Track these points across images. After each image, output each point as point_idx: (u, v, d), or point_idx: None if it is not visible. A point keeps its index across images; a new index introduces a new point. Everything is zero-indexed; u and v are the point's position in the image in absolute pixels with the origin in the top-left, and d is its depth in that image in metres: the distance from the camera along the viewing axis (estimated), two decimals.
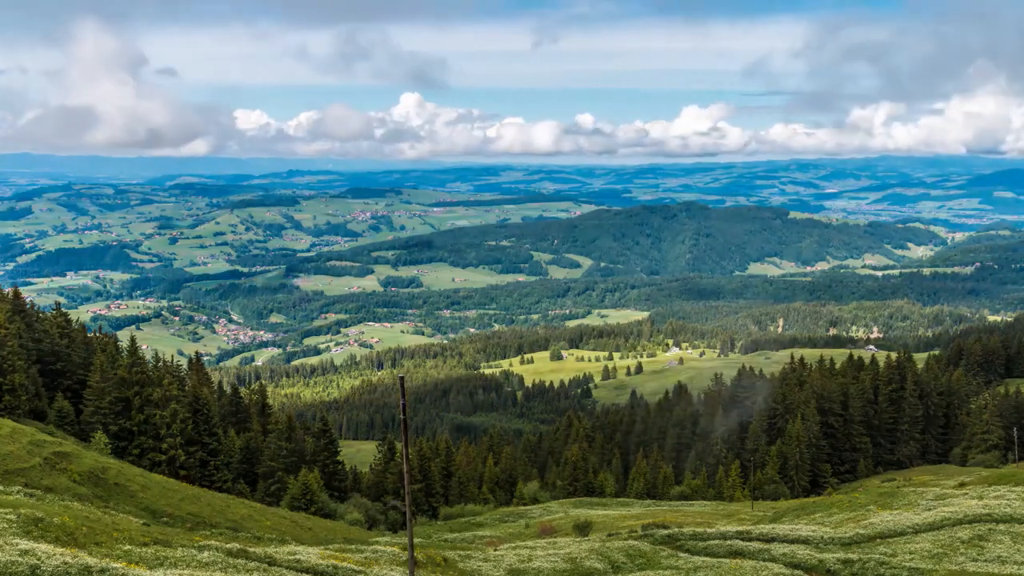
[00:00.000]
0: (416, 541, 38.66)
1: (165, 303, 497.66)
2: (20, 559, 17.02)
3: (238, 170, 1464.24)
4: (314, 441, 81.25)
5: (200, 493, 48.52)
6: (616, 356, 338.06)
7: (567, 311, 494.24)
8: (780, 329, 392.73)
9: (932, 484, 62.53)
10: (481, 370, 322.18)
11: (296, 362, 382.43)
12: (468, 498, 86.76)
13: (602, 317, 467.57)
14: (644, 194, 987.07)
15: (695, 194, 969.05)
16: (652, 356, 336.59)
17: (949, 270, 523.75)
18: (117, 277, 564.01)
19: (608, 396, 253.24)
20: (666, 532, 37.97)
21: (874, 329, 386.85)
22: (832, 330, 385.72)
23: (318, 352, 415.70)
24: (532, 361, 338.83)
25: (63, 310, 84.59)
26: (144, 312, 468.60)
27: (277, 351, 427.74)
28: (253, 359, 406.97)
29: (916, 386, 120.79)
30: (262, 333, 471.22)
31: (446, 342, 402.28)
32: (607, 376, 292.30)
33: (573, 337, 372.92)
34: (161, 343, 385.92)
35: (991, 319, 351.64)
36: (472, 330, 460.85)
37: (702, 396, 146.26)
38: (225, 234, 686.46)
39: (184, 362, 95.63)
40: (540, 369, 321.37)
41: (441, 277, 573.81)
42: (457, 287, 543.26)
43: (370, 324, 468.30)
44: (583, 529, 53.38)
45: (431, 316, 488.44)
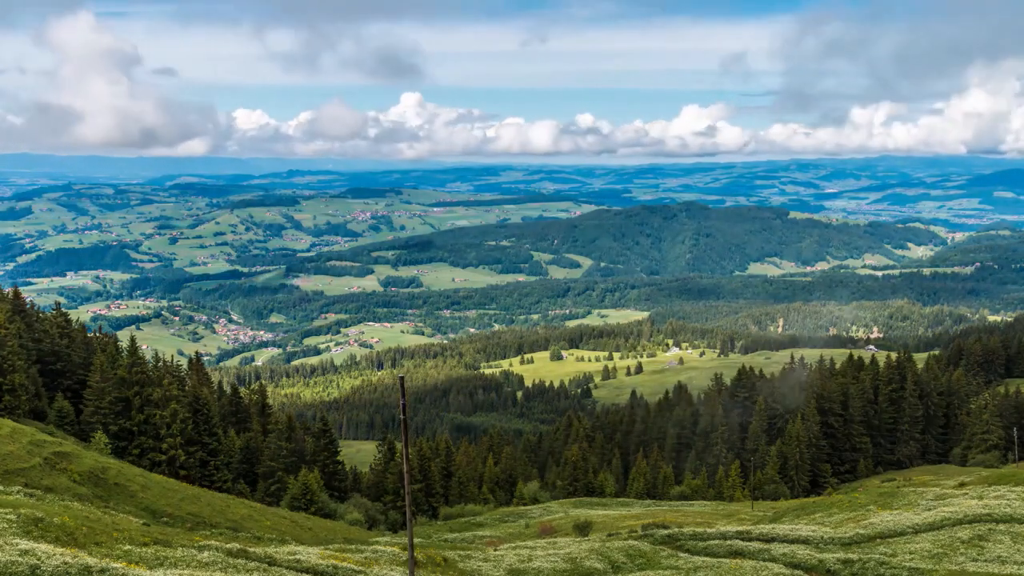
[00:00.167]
0: (416, 541, 38.66)
1: (165, 303, 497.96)
2: (20, 559, 17.02)
3: (238, 170, 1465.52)
4: (314, 441, 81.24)
5: (200, 493, 48.53)
6: (616, 356, 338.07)
7: (567, 311, 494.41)
8: (780, 329, 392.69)
9: (932, 484, 62.53)
10: (481, 370, 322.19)
11: (296, 362, 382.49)
12: (468, 498, 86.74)
13: (602, 317, 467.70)
14: (644, 194, 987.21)
15: (695, 194, 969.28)
16: (652, 356, 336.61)
17: (949, 270, 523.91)
18: (117, 277, 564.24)
19: (608, 396, 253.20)
20: (666, 532, 37.97)
21: (874, 329, 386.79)
22: (832, 330, 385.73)
23: (318, 352, 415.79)
24: (532, 361, 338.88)
25: (63, 310, 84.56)
26: (144, 312, 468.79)
27: (277, 351, 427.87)
28: (253, 359, 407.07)
29: (916, 386, 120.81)
30: (262, 333, 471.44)
31: (446, 342, 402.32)
32: (607, 376, 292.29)
33: (573, 337, 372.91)
34: (161, 343, 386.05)
35: (991, 319, 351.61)
36: (472, 330, 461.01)
37: (702, 396, 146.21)
38: (225, 234, 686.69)
39: (184, 362, 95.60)
40: (540, 369, 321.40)
41: (441, 277, 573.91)
42: (457, 287, 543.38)
43: (370, 324, 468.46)
44: (583, 529, 53.37)
45: (431, 316, 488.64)
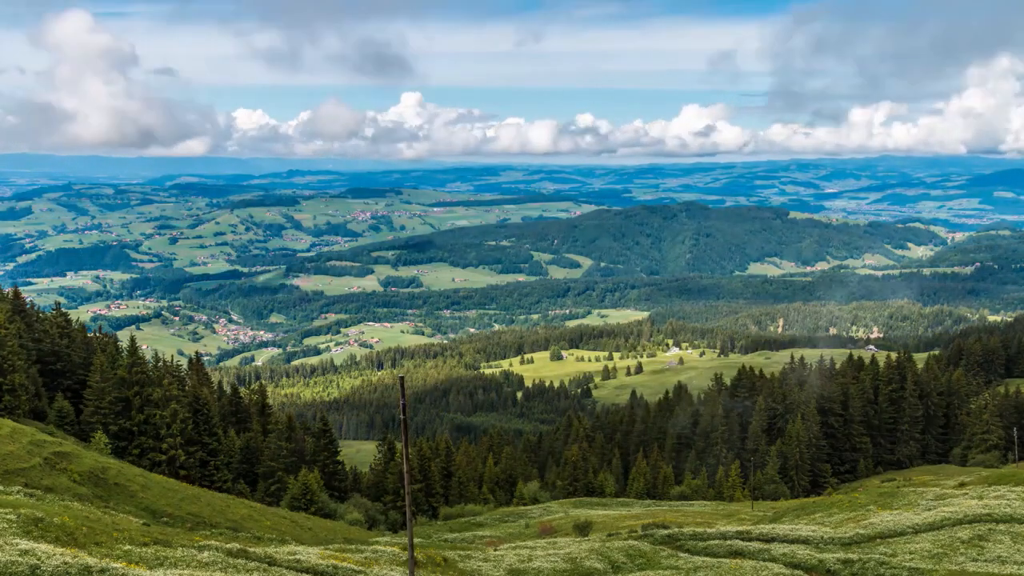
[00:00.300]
0: (416, 541, 38.66)
1: (165, 303, 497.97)
2: (20, 559, 17.01)
3: (238, 170, 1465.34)
4: (314, 441, 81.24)
5: (200, 493, 48.52)
6: (616, 356, 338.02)
7: (567, 311, 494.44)
8: (780, 329, 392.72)
9: (932, 484, 62.52)
10: (481, 370, 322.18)
11: (296, 362, 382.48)
12: (468, 498, 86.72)
13: (602, 317, 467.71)
14: (644, 194, 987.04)
15: (695, 194, 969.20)
16: (652, 356, 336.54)
17: (949, 270, 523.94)
18: (117, 277, 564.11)
19: (608, 396, 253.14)
20: (666, 532, 37.96)
21: (874, 329, 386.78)
22: (832, 330, 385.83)
23: (318, 352, 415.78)
24: (532, 361, 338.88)
25: (63, 310, 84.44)
26: (144, 312, 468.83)
27: (277, 351, 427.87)
28: (253, 359, 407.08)
29: (916, 386, 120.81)
30: (262, 333, 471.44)
31: (446, 342, 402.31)
32: (607, 376, 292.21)
33: (573, 337, 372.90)
34: (161, 343, 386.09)
35: (991, 319, 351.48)
36: (472, 330, 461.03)
37: (702, 396, 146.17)
38: (225, 234, 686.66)
39: (184, 362, 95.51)
40: (540, 369, 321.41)
41: (441, 277, 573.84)
42: (457, 287, 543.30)
43: (370, 324, 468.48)
44: (583, 529, 53.36)
45: (431, 316, 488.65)
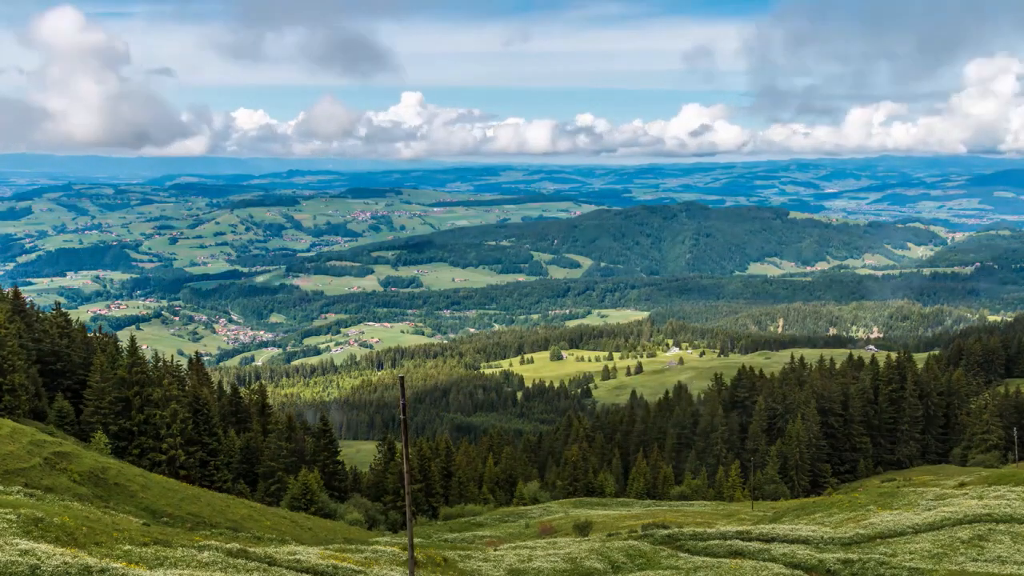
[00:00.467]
0: (416, 541, 38.66)
1: (165, 303, 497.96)
2: (20, 559, 17.00)
3: (238, 170, 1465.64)
4: (314, 441, 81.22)
5: (200, 493, 48.51)
6: (616, 356, 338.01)
7: (567, 311, 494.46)
8: (780, 329, 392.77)
9: (932, 484, 62.51)
10: (481, 370, 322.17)
11: (296, 362, 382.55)
12: (468, 498, 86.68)
13: (602, 317, 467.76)
14: (644, 194, 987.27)
15: (695, 194, 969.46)
16: (652, 356, 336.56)
17: (949, 270, 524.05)
18: (117, 277, 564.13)
19: (608, 396, 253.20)
20: (666, 532, 37.94)
21: (874, 329, 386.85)
22: (832, 330, 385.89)
23: (318, 352, 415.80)
24: (532, 361, 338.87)
25: (63, 310, 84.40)
26: (144, 312, 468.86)
27: (277, 351, 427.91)
28: (253, 359, 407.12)
29: (916, 386, 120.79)
30: (262, 333, 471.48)
31: (446, 342, 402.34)
32: (607, 376, 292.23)
33: (573, 337, 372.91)
34: (161, 343, 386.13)
35: (991, 319, 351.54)
36: (472, 330, 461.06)
37: (702, 396, 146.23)
38: (225, 234, 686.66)
39: (184, 362, 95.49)
40: (540, 369, 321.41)
41: (441, 277, 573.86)
42: (457, 287, 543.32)
43: (370, 324, 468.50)
44: (583, 529, 53.35)
45: (431, 316, 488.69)
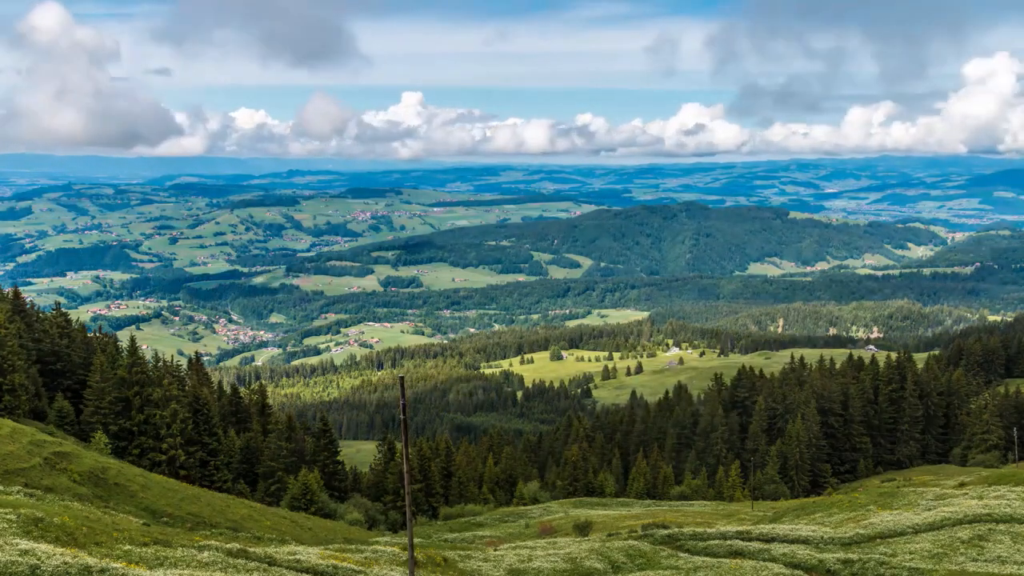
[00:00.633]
0: (416, 541, 38.65)
1: (165, 303, 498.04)
2: (20, 559, 17.00)
3: (238, 170, 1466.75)
4: (314, 441, 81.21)
5: (200, 493, 48.50)
6: (616, 356, 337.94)
7: (567, 311, 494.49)
8: (780, 329, 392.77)
9: (932, 484, 62.51)
10: (481, 370, 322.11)
11: (296, 362, 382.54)
12: (468, 498, 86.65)
13: (602, 317, 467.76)
14: (644, 194, 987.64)
15: (695, 194, 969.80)
16: (652, 356, 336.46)
17: (949, 270, 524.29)
18: (117, 277, 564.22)
19: (608, 396, 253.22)
20: (666, 532, 37.94)
21: (874, 329, 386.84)
22: (832, 330, 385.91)
23: (318, 352, 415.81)
24: (532, 361, 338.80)
25: (63, 310, 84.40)
26: (144, 312, 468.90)
27: (277, 351, 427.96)
28: (253, 359, 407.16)
29: (916, 386, 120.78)
30: (262, 333, 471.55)
31: (446, 342, 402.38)
32: (607, 376, 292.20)
33: (573, 337, 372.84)
34: (161, 343, 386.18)
35: (991, 319, 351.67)
36: (472, 330, 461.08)
37: (702, 396, 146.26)
38: (225, 234, 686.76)
39: (184, 362, 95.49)
40: (540, 369, 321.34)
41: (441, 277, 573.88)
42: (457, 287, 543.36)
43: (370, 324, 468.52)
44: (583, 529, 53.34)
45: (431, 316, 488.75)
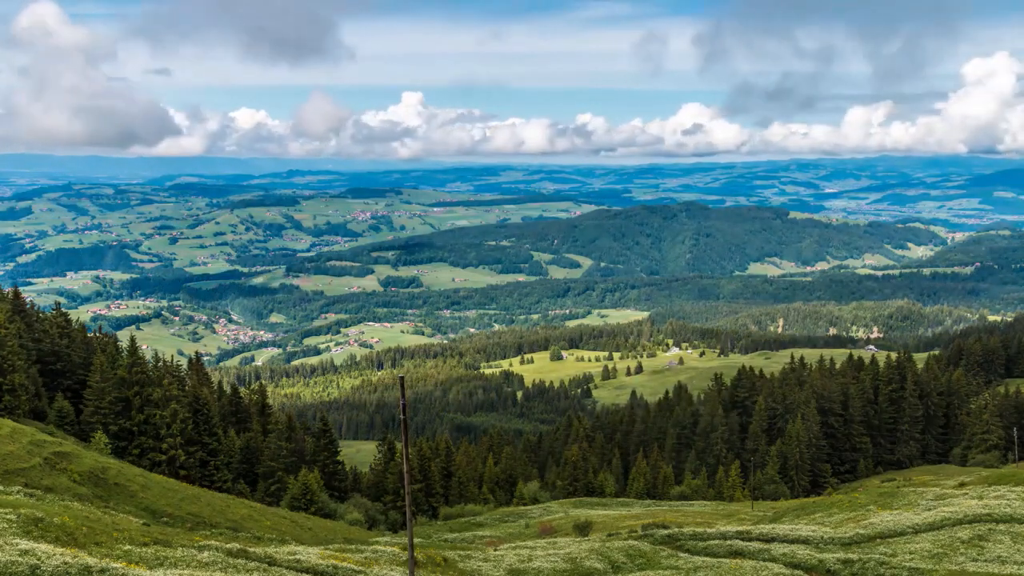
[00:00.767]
0: (416, 541, 38.65)
1: (165, 303, 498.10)
2: (20, 559, 16.99)
3: (238, 170, 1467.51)
4: (314, 441, 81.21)
5: (200, 493, 48.49)
6: (616, 356, 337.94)
7: (567, 311, 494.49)
8: (780, 329, 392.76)
9: (932, 484, 62.51)
10: (481, 370, 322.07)
11: (296, 362, 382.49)
12: (468, 498, 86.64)
13: (602, 317, 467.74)
14: (644, 194, 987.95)
15: (695, 194, 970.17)
16: (652, 356, 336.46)
17: (949, 270, 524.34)
18: (117, 277, 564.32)
19: (608, 396, 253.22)
20: (666, 532, 37.93)
21: (874, 329, 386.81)
22: (832, 330, 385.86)
23: (318, 352, 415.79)
24: (532, 361, 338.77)
25: (63, 310, 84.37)
26: (144, 312, 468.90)
27: (277, 351, 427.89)
28: (253, 359, 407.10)
29: (916, 386, 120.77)
30: (262, 333, 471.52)
31: (446, 342, 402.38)
32: (607, 376, 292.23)
33: (573, 337, 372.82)
34: (161, 343, 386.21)
35: (991, 319, 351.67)
36: (472, 330, 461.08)
37: (702, 396, 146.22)
38: (225, 234, 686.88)
39: (184, 362, 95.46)
40: (540, 369, 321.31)
41: (441, 277, 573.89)
42: (457, 287, 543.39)
43: (370, 324, 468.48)
44: (583, 529, 53.34)
45: (431, 316, 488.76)
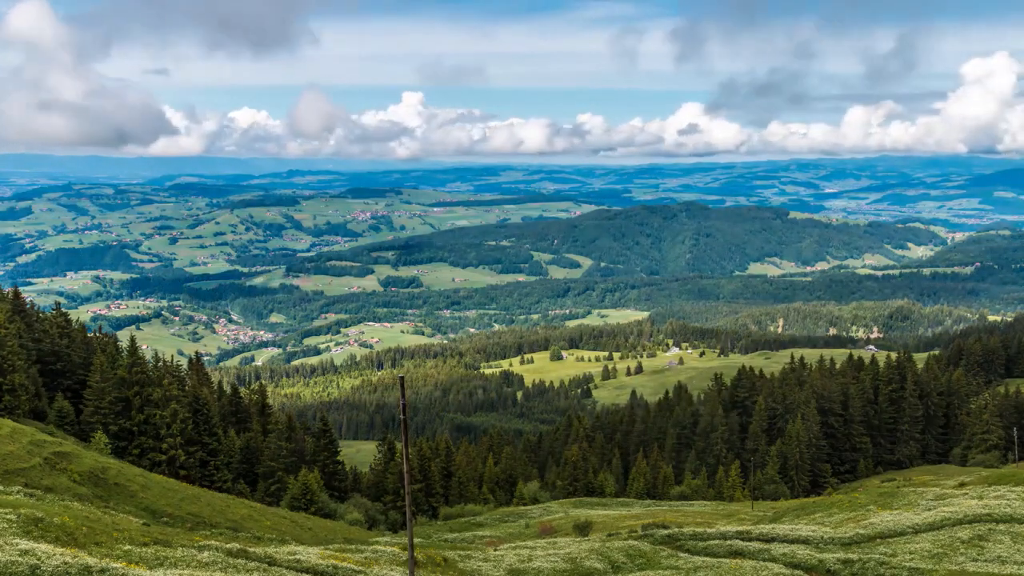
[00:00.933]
0: (416, 541, 38.65)
1: (165, 303, 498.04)
2: (20, 559, 16.99)
3: (238, 170, 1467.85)
4: (314, 441, 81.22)
5: (200, 493, 48.49)
6: (616, 356, 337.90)
7: (567, 311, 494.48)
8: (780, 329, 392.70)
9: (932, 484, 62.51)
10: (481, 370, 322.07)
11: (296, 362, 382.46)
12: (468, 498, 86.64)
13: (602, 317, 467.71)
14: (644, 194, 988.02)
15: (695, 194, 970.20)
16: (652, 356, 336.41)
17: (949, 270, 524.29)
18: (117, 277, 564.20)
19: (608, 396, 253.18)
20: (666, 532, 37.93)
21: (874, 329, 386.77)
22: (832, 330, 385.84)
23: (318, 352, 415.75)
24: (532, 361, 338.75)
25: (63, 310, 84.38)
26: (144, 312, 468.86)
27: (277, 351, 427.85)
28: (253, 359, 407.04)
29: (916, 386, 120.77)
30: (262, 333, 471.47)
31: (446, 342, 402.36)
32: (607, 376, 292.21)
33: (573, 337, 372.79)
34: (161, 343, 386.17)
35: (991, 319, 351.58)
36: (472, 330, 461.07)
37: (702, 396, 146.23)
38: (225, 234, 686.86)
39: (184, 362, 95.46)
40: (540, 369, 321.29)
41: (441, 277, 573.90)
42: (457, 287, 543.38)
43: (370, 324, 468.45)
44: (583, 529, 53.34)
45: (431, 316, 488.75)
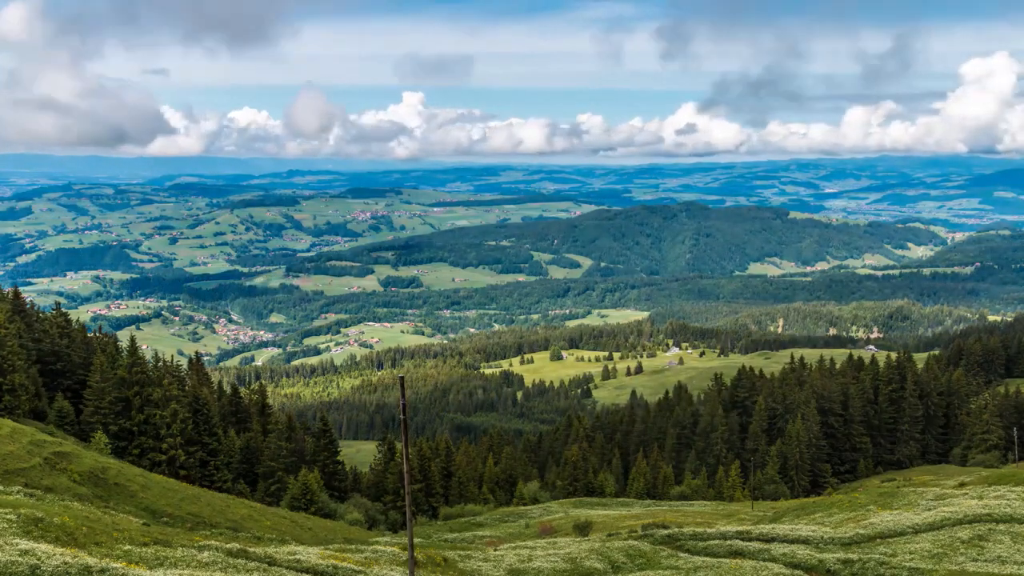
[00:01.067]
0: (416, 541, 38.65)
1: (165, 303, 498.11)
2: (20, 559, 16.99)
3: (238, 170, 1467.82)
4: (314, 441, 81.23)
5: (200, 493, 48.49)
6: (616, 356, 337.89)
7: (567, 311, 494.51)
8: (780, 329, 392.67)
9: (932, 484, 62.51)
10: (481, 370, 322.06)
11: (296, 362, 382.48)
12: (468, 498, 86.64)
13: (602, 317, 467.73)
14: (644, 194, 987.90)
15: (695, 194, 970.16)
16: (652, 356, 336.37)
17: (949, 270, 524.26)
18: (117, 277, 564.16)
19: (608, 396, 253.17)
20: (666, 532, 37.93)
21: (874, 329, 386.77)
22: (832, 330, 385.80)
23: (318, 352, 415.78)
24: (532, 361, 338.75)
25: (63, 310, 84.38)
26: (144, 312, 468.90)
27: (277, 351, 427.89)
28: (253, 359, 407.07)
29: (916, 386, 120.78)
30: (262, 333, 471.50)
31: (446, 342, 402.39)
32: (607, 376, 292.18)
33: (573, 337, 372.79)
34: (161, 343, 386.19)
35: (991, 319, 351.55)
36: (472, 330, 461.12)
37: (702, 396, 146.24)
38: (225, 234, 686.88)
39: (184, 362, 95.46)
40: (540, 369, 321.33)
41: (441, 277, 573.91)
42: (457, 287, 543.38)
43: (370, 324, 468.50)
44: (583, 529, 53.35)
45: (431, 316, 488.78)
